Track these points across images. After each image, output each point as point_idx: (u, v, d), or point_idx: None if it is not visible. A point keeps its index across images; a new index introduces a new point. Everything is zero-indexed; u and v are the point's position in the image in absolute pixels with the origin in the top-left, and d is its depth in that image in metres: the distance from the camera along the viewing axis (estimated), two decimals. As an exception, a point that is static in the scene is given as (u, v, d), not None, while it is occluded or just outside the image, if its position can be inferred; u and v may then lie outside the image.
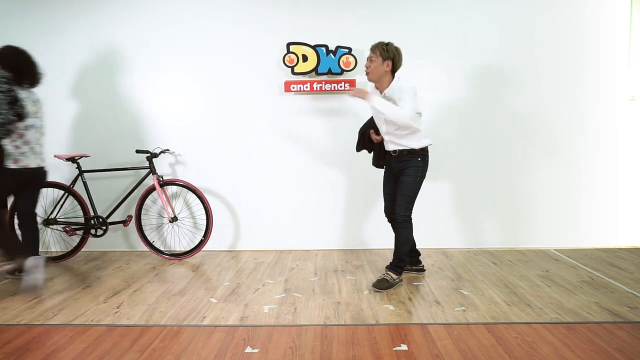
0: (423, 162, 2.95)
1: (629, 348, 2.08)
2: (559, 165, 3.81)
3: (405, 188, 2.95)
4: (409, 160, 2.95)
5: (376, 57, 2.87)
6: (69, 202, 3.79)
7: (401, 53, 2.92)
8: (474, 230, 3.88)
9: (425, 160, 2.97)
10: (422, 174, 2.96)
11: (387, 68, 2.87)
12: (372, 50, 2.90)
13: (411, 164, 2.94)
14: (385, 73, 2.89)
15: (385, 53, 2.86)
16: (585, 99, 3.76)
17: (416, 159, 2.94)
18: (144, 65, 3.86)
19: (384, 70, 2.87)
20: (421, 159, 2.94)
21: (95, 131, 3.92)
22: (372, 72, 2.90)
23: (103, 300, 2.81)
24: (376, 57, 2.87)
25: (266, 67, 3.80)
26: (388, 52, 2.86)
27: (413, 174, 2.94)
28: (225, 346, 2.16)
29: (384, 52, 2.86)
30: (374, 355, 2.06)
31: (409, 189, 2.94)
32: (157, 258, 3.74)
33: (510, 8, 3.71)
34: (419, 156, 2.94)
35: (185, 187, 3.65)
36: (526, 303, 2.63)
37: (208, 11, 3.79)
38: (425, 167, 2.97)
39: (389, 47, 2.87)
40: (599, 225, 3.85)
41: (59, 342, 2.23)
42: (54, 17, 3.83)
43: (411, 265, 3.23)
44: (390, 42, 2.90)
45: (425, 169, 2.98)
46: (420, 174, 2.95)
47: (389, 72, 2.89)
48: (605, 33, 3.71)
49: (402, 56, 2.92)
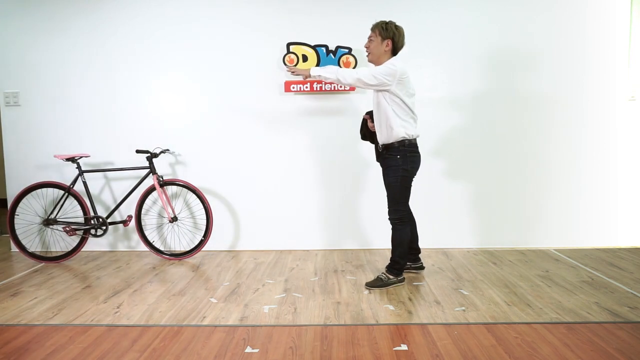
0: (403, 160, 2.80)
1: (629, 348, 2.08)
2: (559, 165, 3.81)
3: (387, 190, 2.90)
4: (388, 159, 2.85)
5: (375, 36, 2.81)
6: (69, 202, 3.79)
7: (403, 32, 2.82)
8: (474, 230, 3.88)
9: (407, 157, 2.80)
10: (403, 173, 2.81)
11: (387, 48, 2.80)
12: (372, 29, 2.83)
13: (390, 162, 2.84)
14: (384, 53, 2.81)
15: (385, 32, 2.78)
16: (585, 99, 3.76)
17: (395, 156, 2.81)
18: (143, 65, 3.86)
19: (383, 50, 2.80)
20: (401, 157, 2.79)
21: (95, 131, 3.92)
22: (371, 52, 2.84)
23: (103, 300, 2.81)
24: (375, 36, 2.81)
25: (266, 67, 3.79)
26: (387, 31, 2.78)
27: (393, 175, 2.83)
28: (225, 346, 2.16)
29: (383, 31, 2.79)
30: (374, 355, 2.06)
31: (390, 190, 2.87)
32: (157, 258, 3.74)
33: (511, 8, 3.71)
34: (398, 153, 2.79)
35: (185, 187, 3.65)
36: (526, 303, 2.63)
37: (208, 11, 3.79)
38: (407, 165, 2.81)
39: (389, 26, 2.79)
40: (599, 225, 3.85)
41: (59, 342, 2.23)
42: (54, 17, 3.83)
43: (411, 263, 3.20)
44: (391, 21, 2.82)
45: (408, 166, 2.82)
46: (401, 173, 2.81)
47: (388, 52, 2.82)
48: (605, 33, 3.71)
49: (404, 35, 2.83)
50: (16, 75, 3.90)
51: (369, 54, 2.87)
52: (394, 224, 2.92)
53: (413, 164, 2.86)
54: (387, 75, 2.72)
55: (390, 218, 2.92)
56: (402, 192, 2.87)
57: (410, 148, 2.83)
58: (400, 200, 2.88)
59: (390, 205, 2.91)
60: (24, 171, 3.96)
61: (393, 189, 2.87)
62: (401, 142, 2.80)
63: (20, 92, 3.91)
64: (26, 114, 3.93)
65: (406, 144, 2.81)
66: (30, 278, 3.28)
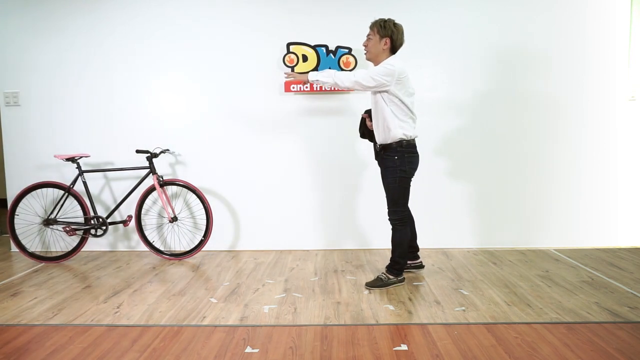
0: (401, 161, 2.78)
1: (629, 348, 2.08)
2: (559, 165, 3.81)
3: (386, 190, 2.89)
4: (386, 159, 2.84)
5: (373, 34, 2.77)
6: (69, 202, 3.79)
7: (402, 30, 2.79)
8: (474, 230, 3.87)
9: (404, 158, 2.79)
10: (401, 174, 2.80)
11: (385, 46, 2.76)
12: (370, 27, 2.80)
13: (388, 163, 2.83)
14: (382, 51, 2.78)
15: (383, 30, 2.75)
16: (585, 99, 3.76)
17: (392, 157, 2.79)
18: (143, 65, 3.85)
19: (381, 48, 2.77)
20: (398, 158, 2.78)
21: (95, 131, 3.92)
22: (369, 50, 2.81)
23: (103, 300, 2.81)
24: (373, 34, 2.77)
25: (266, 67, 3.79)
26: (385, 29, 2.75)
27: (391, 175, 2.82)
28: (225, 346, 2.16)
29: (381, 29, 2.75)
30: (374, 355, 2.06)
31: (389, 191, 2.87)
32: (157, 258, 3.74)
33: (511, 8, 3.71)
34: (395, 154, 2.78)
35: (185, 187, 3.65)
36: (526, 303, 2.63)
37: (207, 11, 3.79)
38: (404, 166, 2.79)
39: (387, 24, 2.76)
40: (599, 225, 3.85)
41: (59, 342, 2.23)
42: (52, 16, 3.83)
43: (410, 261, 3.19)
44: (389, 19, 2.78)
45: (406, 167, 2.80)
46: (399, 174, 2.80)
47: (387, 51, 2.79)
48: (605, 33, 3.71)
49: (403, 33, 2.80)
50: (16, 75, 3.90)
51: (367, 53, 2.85)
52: (394, 225, 2.92)
53: (411, 164, 2.84)
54: (385, 76, 2.69)
55: (390, 219, 2.91)
56: (401, 193, 2.86)
57: (408, 149, 2.80)
58: (400, 201, 2.87)
59: (390, 207, 2.90)
60: (24, 171, 3.96)
61: (392, 191, 2.86)
62: (399, 142, 2.78)
63: (20, 92, 3.91)
64: (26, 114, 3.93)
65: (404, 145, 2.78)
66: (30, 278, 3.28)
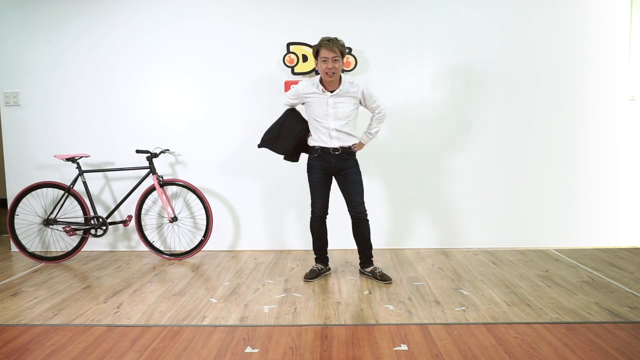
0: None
1: (629, 348, 2.08)
2: (559, 165, 3.81)
3: (358, 187, 3.03)
4: (350, 159, 3.02)
5: (338, 56, 2.78)
6: (69, 202, 3.79)
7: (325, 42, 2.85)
8: (474, 230, 3.87)
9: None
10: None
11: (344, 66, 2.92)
12: (331, 49, 2.74)
13: (353, 162, 3.03)
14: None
15: (343, 49, 2.83)
16: (585, 99, 3.76)
17: (354, 156, 3.04)
18: (143, 65, 3.85)
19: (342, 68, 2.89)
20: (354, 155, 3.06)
21: (95, 131, 3.92)
22: (337, 72, 2.82)
23: (103, 300, 2.81)
24: (338, 56, 2.78)
25: (266, 67, 3.79)
26: (344, 48, 2.84)
27: (359, 172, 3.04)
28: (225, 346, 2.17)
29: (343, 50, 2.83)
30: (374, 355, 2.06)
31: (361, 187, 3.04)
32: (157, 258, 3.74)
33: (511, 8, 3.71)
34: (354, 153, 3.03)
35: (185, 187, 3.65)
36: (526, 303, 2.63)
37: (207, 11, 3.79)
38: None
39: (343, 43, 2.84)
40: (599, 225, 3.85)
41: (59, 342, 2.24)
42: (53, 15, 3.83)
43: (324, 265, 3.22)
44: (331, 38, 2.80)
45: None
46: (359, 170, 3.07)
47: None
48: (605, 33, 3.71)
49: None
50: (16, 75, 3.90)
51: (334, 75, 2.81)
52: (365, 216, 3.06)
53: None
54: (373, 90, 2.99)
55: (365, 212, 3.06)
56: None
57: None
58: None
59: (362, 202, 3.06)
60: (24, 171, 3.96)
61: (362, 185, 3.06)
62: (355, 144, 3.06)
63: (20, 92, 3.91)
64: (26, 114, 3.93)
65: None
66: (30, 278, 3.28)
